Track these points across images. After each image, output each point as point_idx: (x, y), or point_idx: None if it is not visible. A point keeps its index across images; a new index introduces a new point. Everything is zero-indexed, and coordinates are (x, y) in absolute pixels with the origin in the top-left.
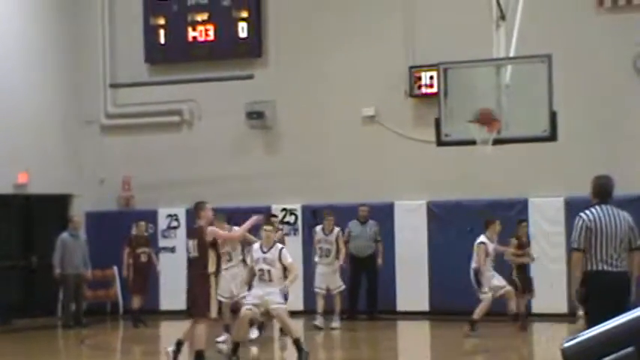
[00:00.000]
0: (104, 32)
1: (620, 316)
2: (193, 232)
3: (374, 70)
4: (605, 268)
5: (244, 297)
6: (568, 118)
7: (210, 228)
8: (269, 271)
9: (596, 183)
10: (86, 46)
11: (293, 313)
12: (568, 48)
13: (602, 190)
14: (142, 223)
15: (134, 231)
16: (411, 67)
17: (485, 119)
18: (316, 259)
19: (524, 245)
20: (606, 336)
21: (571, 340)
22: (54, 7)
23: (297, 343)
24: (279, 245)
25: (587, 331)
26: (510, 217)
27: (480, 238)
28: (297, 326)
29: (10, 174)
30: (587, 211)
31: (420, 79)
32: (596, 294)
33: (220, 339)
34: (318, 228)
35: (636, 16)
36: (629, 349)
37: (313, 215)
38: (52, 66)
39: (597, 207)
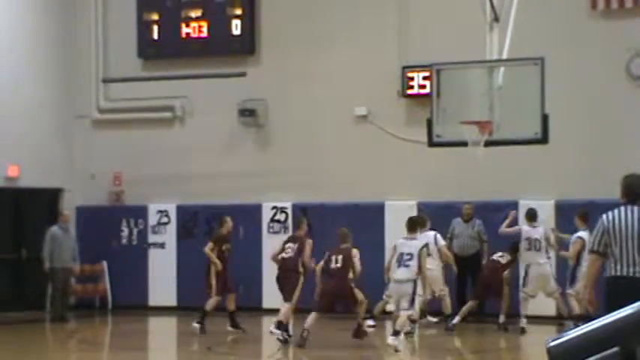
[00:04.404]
0: (97, 26)
1: (606, 316)
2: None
3: (367, 70)
4: (624, 273)
5: None
6: (560, 121)
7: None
8: None
9: (623, 183)
10: (79, 41)
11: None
12: (561, 51)
13: (630, 190)
14: (228, 219)
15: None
16: (404, 68)
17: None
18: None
19: None
20: (592, 336)
21: (557, 339)
22: (47, 1)
23: None
24: None
25: (572, 330)
26: (500, 219)
27: None
28: None
29: (0, 167)
30: (609, 212)
31: (412, 79)
32: (612, 301)
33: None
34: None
35: (629, 21)
36: (614, 349)
37: (303, 214)
38: (45, 60)
39: (621, 208)
